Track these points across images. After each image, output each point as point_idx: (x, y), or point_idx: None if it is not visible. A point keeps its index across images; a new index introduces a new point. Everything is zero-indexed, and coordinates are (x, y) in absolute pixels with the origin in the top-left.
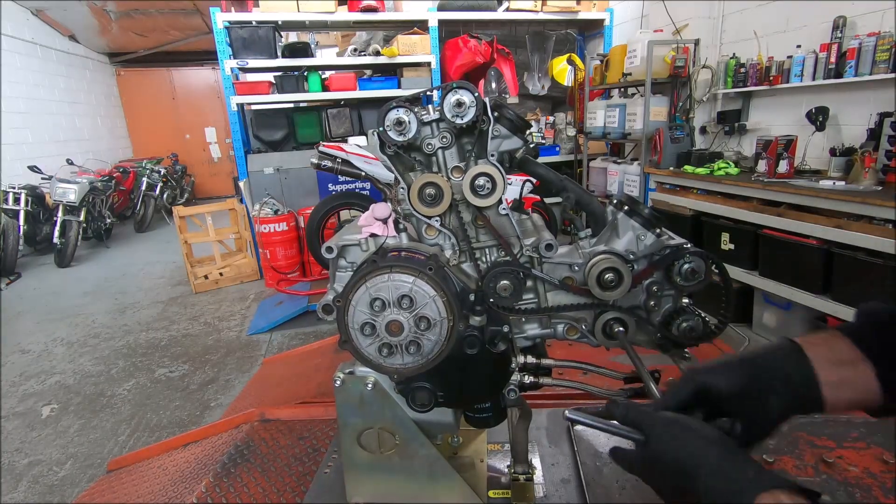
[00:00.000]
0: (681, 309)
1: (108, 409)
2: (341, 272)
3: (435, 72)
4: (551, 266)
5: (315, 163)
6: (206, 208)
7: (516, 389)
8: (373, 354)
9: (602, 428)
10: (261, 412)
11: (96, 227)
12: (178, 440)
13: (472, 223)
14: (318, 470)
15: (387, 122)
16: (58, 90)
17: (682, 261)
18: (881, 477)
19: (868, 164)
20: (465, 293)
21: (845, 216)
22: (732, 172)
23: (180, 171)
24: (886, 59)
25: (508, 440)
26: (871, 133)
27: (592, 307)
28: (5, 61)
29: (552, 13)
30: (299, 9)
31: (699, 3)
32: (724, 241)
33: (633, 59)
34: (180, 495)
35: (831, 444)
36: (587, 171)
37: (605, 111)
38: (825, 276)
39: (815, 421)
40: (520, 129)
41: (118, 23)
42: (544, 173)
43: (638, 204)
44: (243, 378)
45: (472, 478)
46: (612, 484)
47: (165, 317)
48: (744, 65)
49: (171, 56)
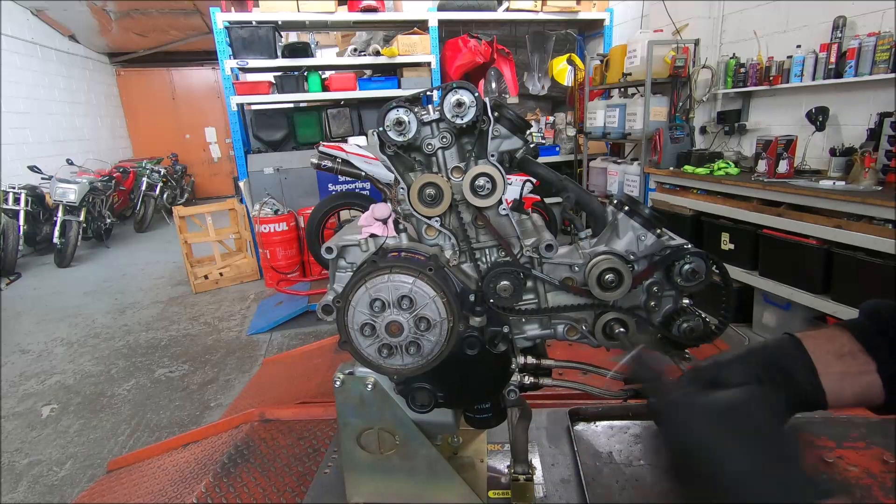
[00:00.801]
0: (681, 309)
1: (108, 409)
2: (341, 272)
3: (435, 72)
4: (551, 266)
5: (315, 163)
6: (206, 208)
7: (516, 390)
8: (372, 355)
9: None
10: (261, 412)
11: (96, 227)
12: (178, 440)
13: (472, 223)
14: (318, 470)
15: (387, 122)
16: (58, 90)
17: (682, 261)
18: (881, 477)
19: (868, 164)
20: (465, 294)
21: (845, 216)
22: (732, 172)
23: (180, 171)
24: (886, 59)
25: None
26: (871, 133)
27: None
28: (5, 61)
29: (552, 13)
30: (299, 9)
31: (699, 3)
32: (724, 241)
33: (633, 59)
34: (180, 495)
35: (831, 444)
36: (587, 171)
37: (605, 111)
38: (825, 276)
39: (814, 421)
40: (520, 130)
41: (118, 23)
42: (544, 173)
43: (638, 204)
44: (243, 378)
45: (472, 478)
46: (612, 484)
47: (165, 317)
48: (744, 65)
49: (171, 56)
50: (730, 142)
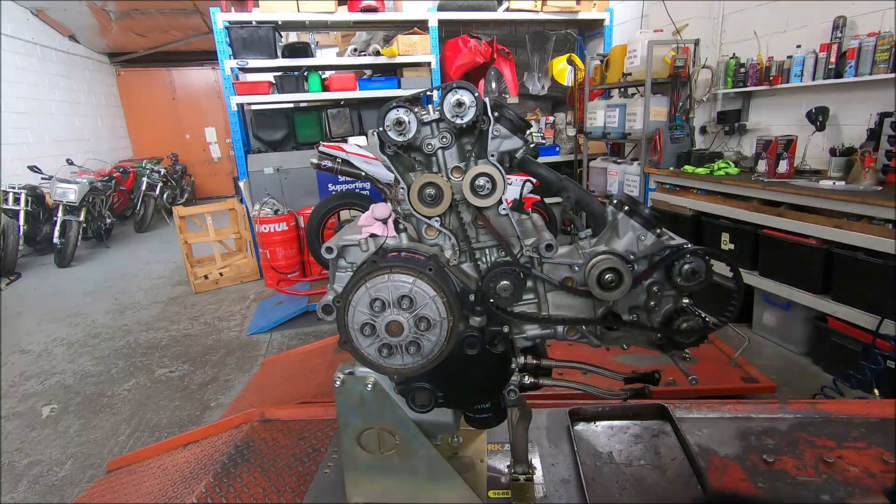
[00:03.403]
0: (681, 309)
1: (108, 409)
2: (341, 272)
3: (435, 72)
4: (551, 266)
5: (315, 163)
6: (206, 208)
7: (516, 390)
8: (373, 355)
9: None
10: (261, 412)
11: (96, 227)
12: (178, 440)
13: (472, 223)
14: (318, 470)
15: (387, 122)
16: (58, 90)
17: (682, 261)
18: (881, 477)
19: (868, 164)
20: (465, 293)
21: (845, 216)
22: (732, 172)
23: (180, 171)
24: (886, 59)
25: (508, 440)
26: (871, 133)
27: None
28: (5, 61)
29: (552, 13)
30: (299, 9)
31: (699, 3)
32: (724, 241)
33: (633, 59)
34: (180, 495)
35: (831, 444)
36: (587, 171)
37: (605, 111)
38: (825, 276)
39: (814, 421)
40: (520, 130)
41: (118, 23)
42: (544, 173)
43: (638, 204)
44: (243, 378)
45: (472, 478)
46: (612, 484)
47: (165, 317)
48: (744, 65)
49: (171, 56)
50: (730, 142)
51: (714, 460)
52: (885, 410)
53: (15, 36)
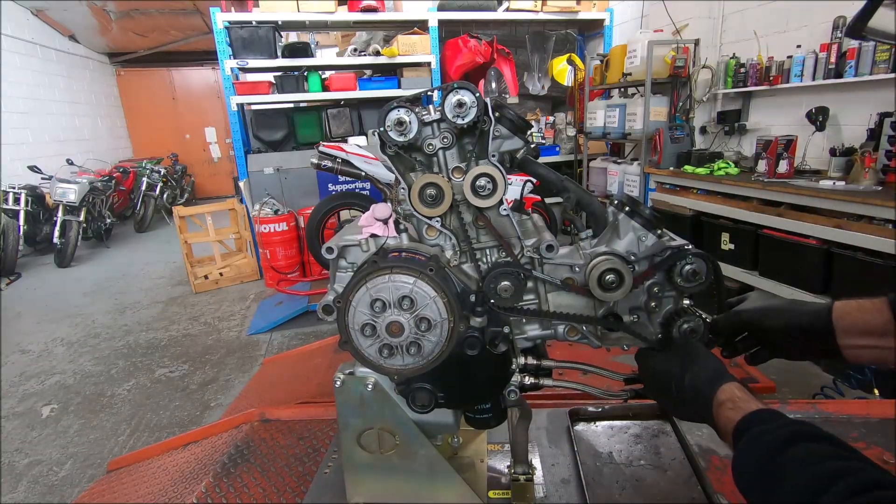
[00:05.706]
0: (681, 310)
1: (108, 409)
2: (341, 273)
3: (435, 72)
4: (552, 267)
5: (315, 163)
6: (206, 208)
7: (517, 390)
8: (373, 355)
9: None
10: (261, 412)
11: (96, 227)
12: (178, 440)
13: (473, 224)
14: (318, 470)
15: (387, 123)
16: (58, 90)
17: (683, 262)
18: None
19: (868, 164)
20: (466, 294)
21: (845, 216)
22: (732, 172)
23: (180, 171)
24: (886, 59)
25: (508, 440)
26: (871, 133)
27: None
28: (5, 61)
29: (552, 13)
30: (299, 9)
31: (699, 3)
32: (724, 241)
33: (633, 59)
34: (180, 495)
35: None
36: (587, 171)
37: (605, 111)
38: (825, 276)
39: (814, 421)
40: (521, 130)
41: (118, 23)
42: (545, 173)
43: (638, 204)
44: (243, 378)
45: (472, 478)
46: (612, 484)
47: (165, 317)
48: (744, 65)
49: (171, 56)
50: (730, 142)
51: (714, 460)
52: (885, 410)
53: (15, 36)
